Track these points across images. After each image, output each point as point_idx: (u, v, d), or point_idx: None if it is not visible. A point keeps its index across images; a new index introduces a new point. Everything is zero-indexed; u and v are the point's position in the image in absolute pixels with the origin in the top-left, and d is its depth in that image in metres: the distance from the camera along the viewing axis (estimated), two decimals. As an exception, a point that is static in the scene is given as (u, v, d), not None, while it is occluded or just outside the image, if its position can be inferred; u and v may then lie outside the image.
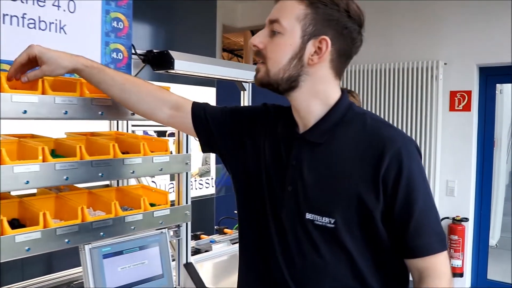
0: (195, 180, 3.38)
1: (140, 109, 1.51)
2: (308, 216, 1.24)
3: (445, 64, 5.07)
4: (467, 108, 5.02)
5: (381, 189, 1.18)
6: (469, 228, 5.09)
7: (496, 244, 6.78)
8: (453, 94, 5.08)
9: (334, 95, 1.30)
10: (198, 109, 1.50)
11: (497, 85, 5.34)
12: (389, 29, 5.39)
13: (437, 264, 1.22)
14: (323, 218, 1.22)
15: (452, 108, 5.09)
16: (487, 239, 5.32)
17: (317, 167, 1.26)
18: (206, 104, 1.55)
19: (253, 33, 9.28)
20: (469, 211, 5.08)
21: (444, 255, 1.23)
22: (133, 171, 1.61)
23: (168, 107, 1.50)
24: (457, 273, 4.97)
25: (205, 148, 1.59)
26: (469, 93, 5.02)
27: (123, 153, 1.62)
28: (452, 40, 5.07)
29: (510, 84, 6.64)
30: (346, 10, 1.23)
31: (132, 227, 1.62)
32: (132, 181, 2.04)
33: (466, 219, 5.00)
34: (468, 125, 5.01)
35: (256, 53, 1.31)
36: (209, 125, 1.47)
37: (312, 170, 1.25)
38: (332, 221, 1.21)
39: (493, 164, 5.25)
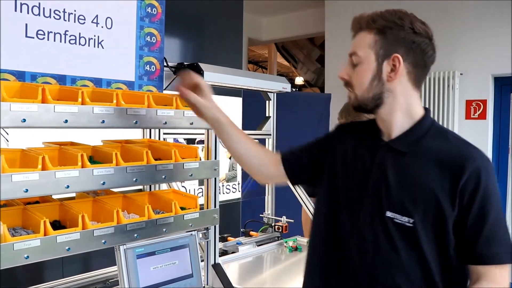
0: (223, 185, 3.38)
1: (249, 164, 1.63)
2: (389, 214, 1.31)
3: (461, 74, 5.00)
4: (482, 116, 4.94)
5: (457, 200, 1.26)
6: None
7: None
8: (469, 103, 5.01)
9: (416, 107, 1.39)
10: (291, 167, 1.61)
11: (511, 94, 5.26)
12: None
13: (497, 275, 1.27)
14: (403, 217, 1.29)
15: (468, 116, 5.01)
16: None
17: (401, 172, 1.33)
18: (292, 155, 1.64)
19: (277, 45, 9.30)
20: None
21: (506, 268, 1.27)
22: (165, 177, 1.62)
23: (272, 168, 1.63)
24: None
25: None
26: (484, 102, 4.94)
27: (155, 159, 1.63)
28: (468, 51, 5.00)
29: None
30: (411, 27, 1.35)
31: (164, 229, 1.62)
32: (164, 186, 2.05)
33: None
34: (483, 132, 4.93)
35: (345, 84, 1.46)
36: (305, 174, 1.60)
37: (396, 174, 1.33)
38: (411, 220, 1.28)
39: (508, 170, 5.16)
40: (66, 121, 1.35)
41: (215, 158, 1.84)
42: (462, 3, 5.00)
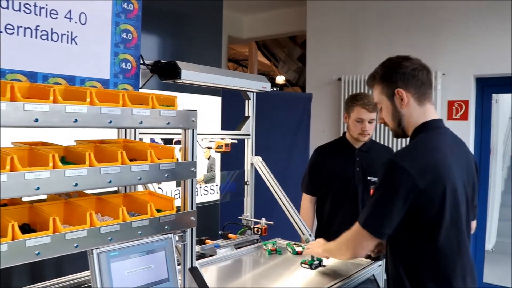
0: (200, 187, 3.37)
1: None
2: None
3: (443, 74, 5.07)
4: (464, 117, 5.01)
5: None
6: (466, 233, 5.05)
7: (492, 249, 6.74)
8: (451, 103, 5.08)
9: (420, 120, 1.93)
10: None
11: (493, 95, 5.33)
12: (389, 41, 5.39)
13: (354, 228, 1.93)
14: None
15: (450, 117, 5.08)
16: (483, 243, 5.29)
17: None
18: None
19: (258, 44, 9.30)
20: (466, 217, 5.04)
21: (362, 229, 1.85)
22: (140, 178, 1.60)
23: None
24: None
25: None
26: (466, 102, 5.01)
27: (130, 160, 1.61)
28: (450, 52, 5.07)
29: (505, 94, 6.64)
30: (400, 67, 1.89)
31: (139, 232, 1.60)
32: (140, 188, 2.03)
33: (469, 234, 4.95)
34: (465, 133, 5.00)
35: (385, 125, 2.04)
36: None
37: None
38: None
39: (489, 171, 5.24)
40: (37, 120, 1.32)
41: (192, 159, 1.82)
42: (445, 3, 5.06)
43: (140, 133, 2.13)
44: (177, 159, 1.77)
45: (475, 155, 5.07)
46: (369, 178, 3.03)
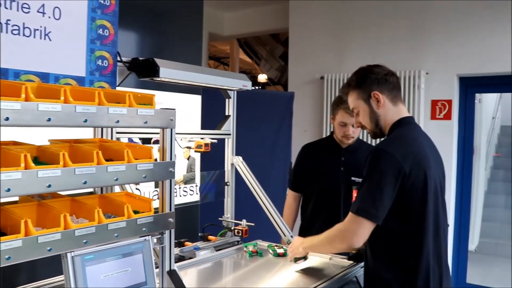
0: (180, 187, 3.35)
1: None
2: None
3: (427, 74, 5.12)
4: (447, 116, 5.06)
5: None
6: (449, 233, 5.12)
7: (475, 249, 6.84)
8: (434, 103, 5.13)
9: (394, 117, 2.12)
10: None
11: (476, 94, 5.40)
12: (373, 40, 5.43)
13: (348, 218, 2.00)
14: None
15: (433, 116, 5.13)
16: (466, 244, 5.36)
17: None
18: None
19: (239, 41, 9.29)
20: (450, 217, 5.10)
21: (357, 218, 1.93)
22: (117, 178, 1.58)
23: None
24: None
25: None
26: (449, 102, 5.06)
27: (107, 160, 1.59)
28: (433, 51, 5.12)
29: (489, 94, 6.74)
30: (372, 73, 2.11)
31: (116, 235, 1.58)
32: (116, 189, 2.01)
33: (447, 225, 4.99)
34: (448, 133, 5.06)
35: (362, 128, 2.22)
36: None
37: None
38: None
39: (472, 171, 5.30)
40: (7, 118, 1.29)
41: (171, 159, 1.81)
42: (429, 3, 5.11)
43: (117, 133, 2.11)
44: (156, 159, 1.76)
45: (458, 155, 5.15)
46: (352, 178, 3.04)
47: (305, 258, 2.39)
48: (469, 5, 4.91)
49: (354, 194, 2.42)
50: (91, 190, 1.97)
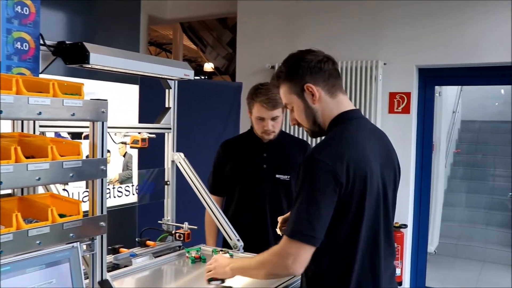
0: (114, 187, 3.29)
1: None
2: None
3: (384, 64, 5.21)
4: (406, 110, 5.17)
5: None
6: (407, 234, 5.25)
7: (434, 251, 7.05)
8: (392, 95, 5.23)
9: (333, 112, 1.99)
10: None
11: (436, 87, 5.55)
12: (328, 27, 5.48)
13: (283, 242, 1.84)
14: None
15: (391, 110, 5.23)
16: (425, 245, 5.51)
17: None
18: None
19: (183, 26, 9.20)
20: (408, 217, 5.24)
21: (291, 241, 1.80)
22: (39, 178, 1.53)
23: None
24: (396, 281, 5.08)
25: None
26: (408, 94, 5.18)
27: (27, 157, 1.53)
28: (392, 40, 5.21)
29: (449, 87, 6.95)
30: (304, 61, 1.96)
31: (38, 242, 1.53)
32: (40, 189, 1.94)
33: (405, 226, 5.14)
34: (407, 128, 5.17)
35: (297, 125, 2.07)
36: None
37: None
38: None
39: (431, 168, 5.45)
40: None
41: (102, 156, 1.77)
42: (386, -13, 5.21)
43: (41, 126, 2.04)
44: (87, 156, 1.72)
45: (417, 151, 5.27)
46: (277, 176, 3.05)
47: (222, 280, 2.23)
48: (429, -9, 5.03)
49: None
50: (9, 191, 1.89)
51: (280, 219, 2.26)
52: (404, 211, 5.18)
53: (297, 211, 1.79)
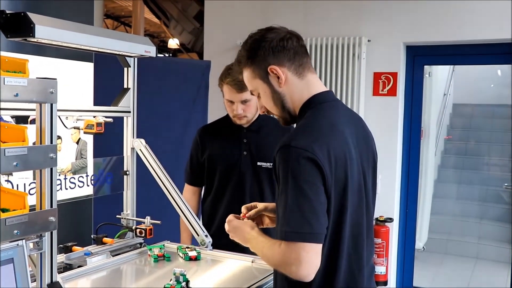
0: (66, 178, 3.26)
1: None
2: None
3: (368, 41, 5.22)
4: (392, 92, 5.21)
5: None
6: (393, 229, 5.30)
7: (423, 247, 7.14)
8: (377, 76, 5.25)
9: (304, 95, 1.99)
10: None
11: (426, 67, 5.59)
12: (307, 1, 5.47)
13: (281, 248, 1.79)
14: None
15: (376, 92, 5.26)
16: (413, 241, 5.57)
17: None
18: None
19: (144, -3, 9.11)
20: (394, 211, 5.29)
21: (291, 244, 1.73)
22: (-22, 167, 1.52)
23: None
24: (380, 281, 5.15)
25: None
26: (394, 75, 5.20)
27: (-36, 144, 1.51)
28: (377, 15, 5.22)
29: (439, 66, 7.00)
30: (265, 41, 1.94)
31: (-23, 240, 1.52)
32: (-20, 180, 1.93)
33: (391, 220, 5.19)
34: (393, 112, 5.21)
35: (267, 112, 2.10)
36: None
37: None
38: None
39: (420, 156, 5.50)
40: None
41: (51, 142, 1.75)
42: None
43: (-21, 109, 2.02)
44: (34, 143, 1.72)
45: (404, 137, 5.32)
46: (259, 163, 3.07)
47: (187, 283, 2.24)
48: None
49: None
50: None
51: (243, 208, 2.21)
52: (389, 203, 5.23)
53: (285, 209, 1.74)
